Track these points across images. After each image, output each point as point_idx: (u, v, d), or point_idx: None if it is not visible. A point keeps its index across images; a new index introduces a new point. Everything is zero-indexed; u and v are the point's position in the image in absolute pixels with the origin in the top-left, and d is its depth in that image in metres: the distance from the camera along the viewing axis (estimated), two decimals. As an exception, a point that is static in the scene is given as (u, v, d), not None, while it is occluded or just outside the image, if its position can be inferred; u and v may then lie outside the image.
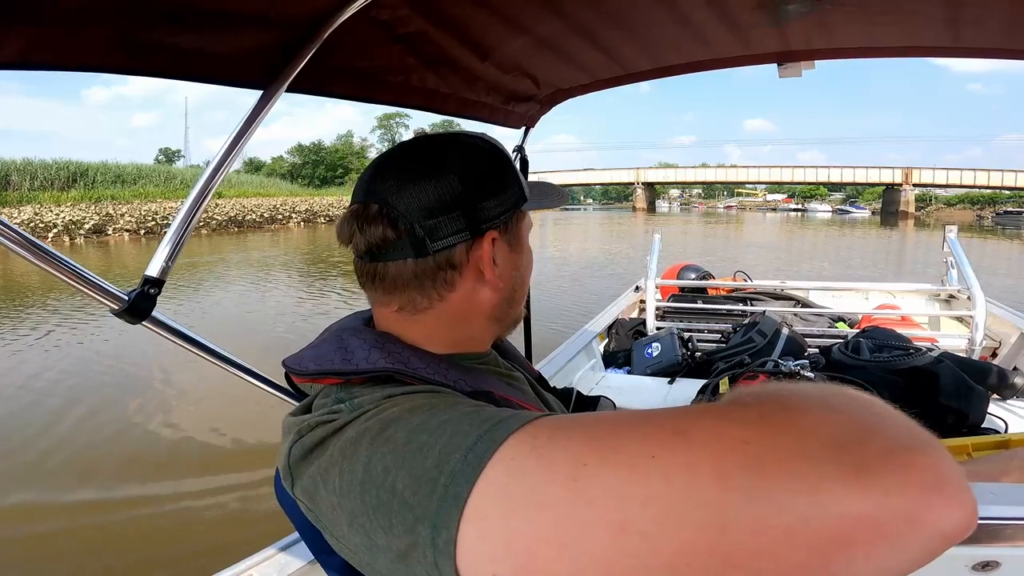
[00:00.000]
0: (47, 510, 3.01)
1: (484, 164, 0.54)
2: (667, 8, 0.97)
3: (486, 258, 0.52)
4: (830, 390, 0.30)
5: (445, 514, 0.31)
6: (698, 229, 28.63)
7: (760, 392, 0.30)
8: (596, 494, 0.27)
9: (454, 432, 0.35)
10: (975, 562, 0.40)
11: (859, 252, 16.68)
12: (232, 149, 0.63)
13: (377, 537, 0.36)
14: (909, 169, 42.01)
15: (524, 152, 1.43)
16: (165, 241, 0.58)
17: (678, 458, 0.26)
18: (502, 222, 0.53)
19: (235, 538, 2.57)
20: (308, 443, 0.43)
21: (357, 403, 0.44)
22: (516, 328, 0.62)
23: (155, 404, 4.39)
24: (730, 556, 0.24)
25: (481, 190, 0.52)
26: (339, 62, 0.81)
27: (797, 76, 1.31)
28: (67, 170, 24.45)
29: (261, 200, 29.17)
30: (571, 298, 8.42)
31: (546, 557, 0.28)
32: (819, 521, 0.23)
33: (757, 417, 0.27)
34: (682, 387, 1.94)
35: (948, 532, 0.24)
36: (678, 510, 0.25)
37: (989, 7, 0.93)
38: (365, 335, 0.51)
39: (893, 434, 0.26)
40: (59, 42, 0.51)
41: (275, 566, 0.79)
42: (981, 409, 1.40)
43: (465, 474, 0.32)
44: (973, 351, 2.27)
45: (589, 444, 0.29)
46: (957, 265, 2.71)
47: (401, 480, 0.34)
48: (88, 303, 7.21)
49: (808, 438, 0.25)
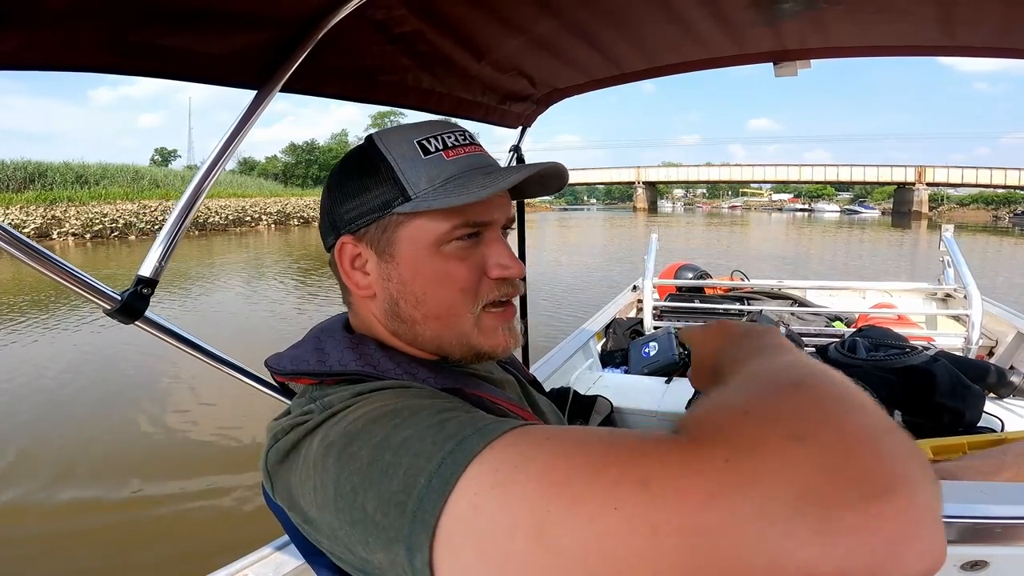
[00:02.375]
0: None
1: (347, 167, 0.53)
2: (662, 8, 0.97)
3: (341, 263, 0.52)
4: (795, 406, 0.28)
5: (416, 538, 0.32)
6: (698, 233, 26.57)
7: (723, 419, 0.29)
8: (563, 545, 0.27)
9: (417, 451, 0.34)
10: (964, 561, 0.40)
11: (903, 262, 14.20)
12: (226, 149, 0.63)
13: (357, 551, 0.37)
14: (922, 167, 40.87)
15: (520, 152, 1.43)
16: (159, 241, 0.59)
17: (640, 512, 0.25)
18: (359, 227, 0.50)
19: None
20: (283, 447, 0.44)
21: (327, 402, 0.45)
22: (481, 358, 0.53)
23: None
24: None
25: (340, 193, 0.52)
26: (334, 62, 0.81)
27: (793, 75, 1.31)
28: (24, 170, 22.80)
29: (228, 201, 26.69)
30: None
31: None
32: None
33: (723, 463, 0.25)
34: (679, 387, 1.94)
35: (914, 574, 0.23)
36: (642, 566, 0.25)
37: (983, 6, 0.93)
38: (340, 337, 0.53)
39: (866, 470, 0.24)
40: (53, 42, 0.51)
41: (270, 565, 0.79)
42: (977, 408, 1.40)
43: (431, 500, 0.32)
44: (969, 350, 2.27)
45: (551, 489, 0.28)
46: (954, 264, 2.71)
47: (370, 502, 0.35)
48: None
49: (774, 491, 0.24)
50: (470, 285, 0.50)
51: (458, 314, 0.51)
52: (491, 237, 0.52)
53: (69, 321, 7.37)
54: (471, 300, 0.51)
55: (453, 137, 0.52)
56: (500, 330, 0.52)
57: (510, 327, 0.54)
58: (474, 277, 0.50)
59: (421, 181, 0.49)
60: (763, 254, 16.09)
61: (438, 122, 0.53)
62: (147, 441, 3.81)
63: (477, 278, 0.51)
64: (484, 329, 0.52)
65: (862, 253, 17.57)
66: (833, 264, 14.58)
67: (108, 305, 0.56)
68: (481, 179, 0.49)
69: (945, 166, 41.58)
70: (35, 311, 8.19)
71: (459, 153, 0.51)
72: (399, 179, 0.49)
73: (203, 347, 0.66)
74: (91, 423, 4.15)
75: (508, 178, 0.48)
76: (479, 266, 0.51)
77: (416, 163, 0.49)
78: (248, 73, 0.67)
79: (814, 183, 55.77)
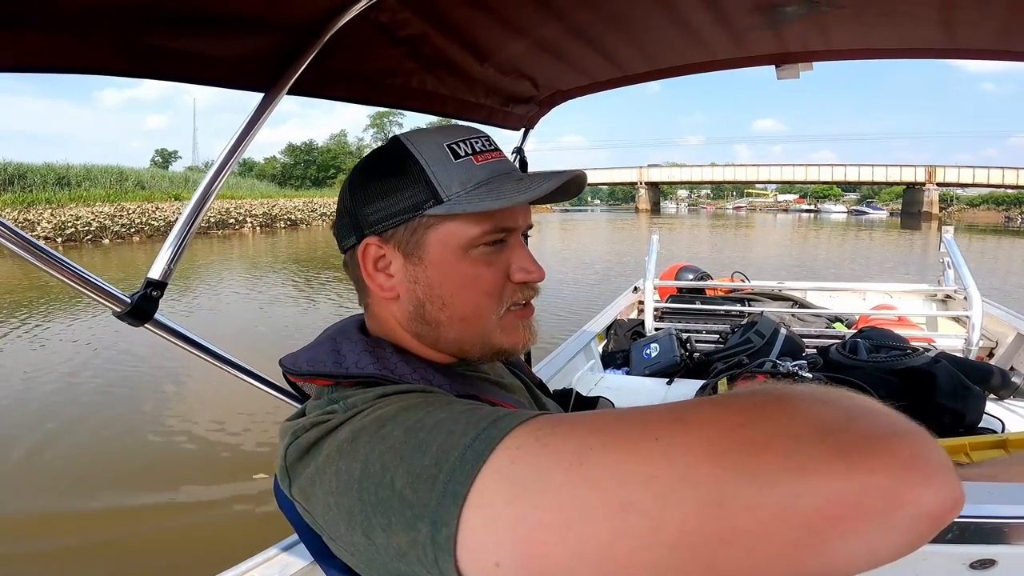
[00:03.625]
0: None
1: (373, 167, 0.53)
2: (665, 11, 0.98)
3: (364, 264, 0.52)
4: (821, 387, 0.31)
5: (445, 511, 0.32)
6: (702, 236, 24.52)
7: (755, 388, 0.32)
8: (599, 475, 0.28)
9: (451, 430, 0.35)
10: (973, 560, 0.40)
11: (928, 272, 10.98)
12: (235, 151, 0.64)
13: (376, 536, 0.36)
14: (933, 167, 39.21)
15: (523, 153, 1.44)
16: (167, 244, 0.59)
17: (678, 440, 0.28)
18: (386, 228, 0.50)
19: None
20: (304, 444, 0.44)
21: (351, 403, 0.45)
22: (500, 355, 0.54)
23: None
24: (727, 533, 0.26)
25: (364, 193, 0.52)
26: (340, 65, 0.81)
27: (795, 77, 1.31)
28: (4, 171, 21.84)
29: (211, 203, 26.21)
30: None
31: (548, 542, 0.29)
32: (808, 499, 0.24)
33: (751, 405, 0.28)
34: (680, 387, 1.94)
35: (932, 511, 0.24)
36: (679, 489, 0.26)
37: (983, 9, 0.93)
38: (357, 339, 0.53)
39: (877, 421, 0.27)
40: (68, 46, 0.51)
41: (276, 567, 0.79)
42: (978, 409, 1.41)
43: (464, 471, 0.32)
44: (970, 351, 2.28)
45: (593, 433, 0.31)
46: (954, 266, 2.72)
47: (400, 478, 0.35)
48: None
49: (798, 422, 0.27)
50: (495, 288, 0.51)
51: (483, 316, 0.52)
52: (514, 242, 0.53)
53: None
54: (495, 303, 0.52)
55: (480, 143, 0.52)
56: (520, 328, 0.54)
57: (529, 324, 0.55)
58: (499, 281, 0.52)
59: (453, 184, 0.49)
60: (770, 263, 14.49)
61: (464, 127, 0.54)
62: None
63: (502, 282, 0.52)
64: (505, 328, 0.53)
65: (885, 259, 15.45)
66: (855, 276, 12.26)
67: (118, 308, 0.56)
68: (512, 185, 0.50)
69: (956, 166, 40.02)
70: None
71: (487, 159, 0.52)
72: (431, 181, 0.49)
73: (211, 349, 0.66)
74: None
75: (542, 185, 0.49)
76: (504, 270, 0.52)
77: (448, 166, 0.50)
78: (256, 76, 0.68)
79: (820, 183, 53.87)
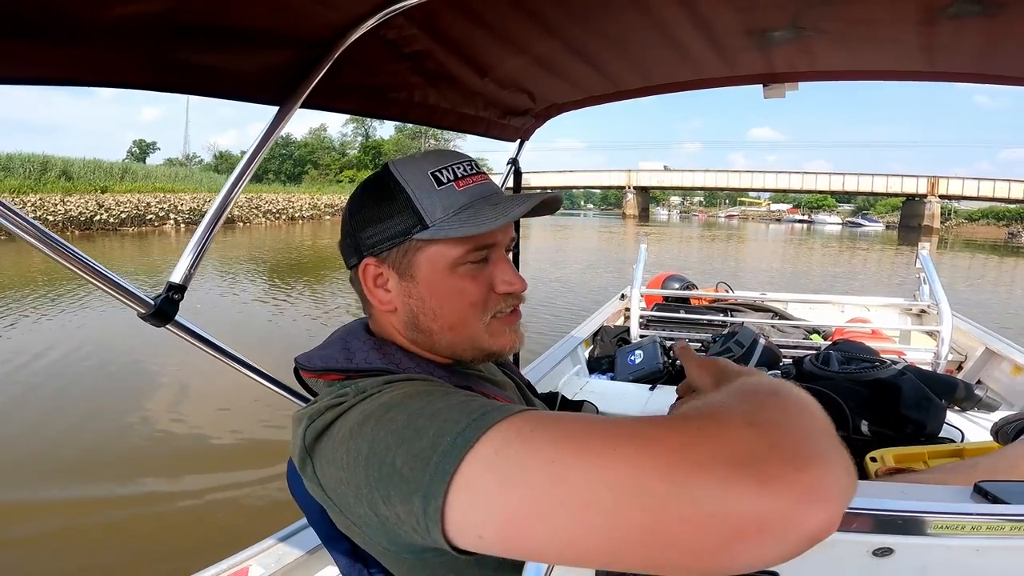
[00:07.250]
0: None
1: (367, 194, 0.59)
2: (658, 31, 1.02)
3: (365, 281, 0.59)
4: (761, 408, 0.36)
5: (435, 487, 0.37)
6: (693, 249, 21.10)
7: (703, 405, 0.38)
8: (569, 475, 0.34)
9: (447, 419, 0.40)
10: (875, 548, 0.47)
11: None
12: (252, 161, 0.67)
13: (378, 508, 0.42)
14: (936, 178, 36.80)
15: (518, 164, 1.48)
16: (188, 249, 0.62)
17: (636, 453, 0.33)
18: (381, 250, 0.57)
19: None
20: (320, 425, 0.49)
21: (361, 386, 0.51)
22: (490, 357, 0.61)
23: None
24: (663, 534, 0.31)
25: (361, 220, 0.58)
26: (349, 79, 0.85)
27: (781, 97, 1.37)
28: None
29: (128, 195, 21.58)
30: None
31: (526, 525, 0.34)
32: (726, 515, 0.30)
33: (697, 429, 0.34)
34: (662, 394, 2.00)
35: (814, 533, 0.30)
36: (632, 495, 0.32)
37: (962, 35, 0.97)
38: (364, 339, 0.59)
39: (796, 450, 0.32)
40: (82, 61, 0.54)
41: (273, 556, 0.82)
42: (939, 419, 1.48)
43: (453, 454, 0.37)
44: (939, 364, 2.37)
45: (567, 438, 0.36)
46: (928, 281, 2.82)
47: (400, 457, 0.40)
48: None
49: (730, 449, 0.32)
50: (480, 300, 0.57)
51: (470, 324, 0.58)
52: (497, 257, 0.59)
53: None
54: (481, 312, 0.58)
55: (462, 168, 0.58)
56: (507, 332, 0.60)
57: (515, 329, 0.61)
58: (484, 293, 0.58)
59: (436, 210, 0.55)
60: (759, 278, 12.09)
61: (448, 153, 0.59)
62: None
63: (486, 294, 0.58)
64: (493, 332, 0.59)
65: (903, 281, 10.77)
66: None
67: (142, 309, 0.59)
68: (489, 210, 0.55)
69: (960, 177, 37.73)
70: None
71: (468, 183, 0.57)
72: (416, 208, 0.55)
73: (228, 351, 0.69)
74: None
75: (514, 211, 0.54)
76: (488, 283, 0.58)
77: (431, 193, 0.56)
78: (271, 90, 0.71)
79: (816, 192, 50.39)
